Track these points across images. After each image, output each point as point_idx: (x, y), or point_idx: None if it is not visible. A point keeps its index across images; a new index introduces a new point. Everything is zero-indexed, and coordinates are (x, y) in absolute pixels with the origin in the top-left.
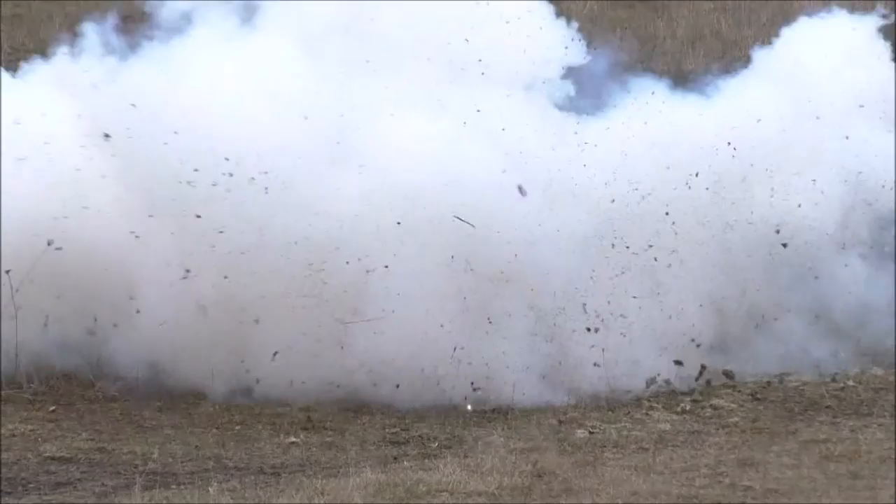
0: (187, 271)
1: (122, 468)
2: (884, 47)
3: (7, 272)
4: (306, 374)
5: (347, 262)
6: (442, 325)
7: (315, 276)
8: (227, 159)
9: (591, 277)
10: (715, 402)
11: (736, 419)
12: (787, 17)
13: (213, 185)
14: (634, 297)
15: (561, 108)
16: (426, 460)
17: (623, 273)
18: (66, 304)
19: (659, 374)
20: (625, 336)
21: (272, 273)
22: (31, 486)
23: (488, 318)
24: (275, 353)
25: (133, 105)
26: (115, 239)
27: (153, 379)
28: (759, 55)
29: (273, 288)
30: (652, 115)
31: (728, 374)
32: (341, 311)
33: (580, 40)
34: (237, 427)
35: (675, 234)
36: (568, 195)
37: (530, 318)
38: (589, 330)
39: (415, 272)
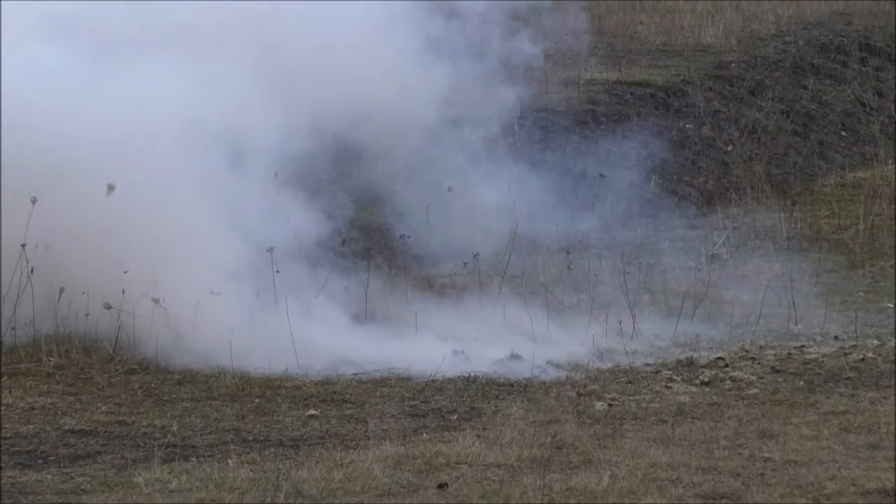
0: None
1: (141, 441)
2: None
3: (23, 245)
4: None
5: None
6: None
7: None
8: None
9: None
10: (734, 374)
11: (755, 391)
12: None
13: None
14: None
15: None
16: (445, 433)
17: None
18: None
19: None
20: None
21: None
22: (51, 458)
23: None
24: None
25: None
26: None
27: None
28: None
29: None
30: None
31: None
32: None
33: None
34: (256, 400)
35: None
36: None
37: None
38: None
39: None
